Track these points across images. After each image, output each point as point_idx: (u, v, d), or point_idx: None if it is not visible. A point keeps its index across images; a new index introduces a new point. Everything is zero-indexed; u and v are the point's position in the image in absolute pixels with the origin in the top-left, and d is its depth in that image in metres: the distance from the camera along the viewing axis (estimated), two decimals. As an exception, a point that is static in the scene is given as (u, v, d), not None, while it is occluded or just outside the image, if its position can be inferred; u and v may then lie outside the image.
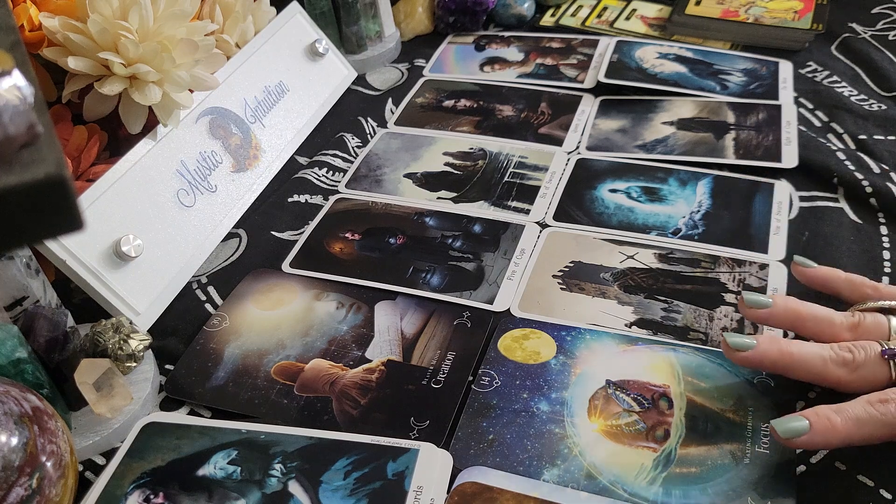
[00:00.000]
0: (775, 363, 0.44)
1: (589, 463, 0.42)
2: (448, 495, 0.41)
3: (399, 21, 0.85)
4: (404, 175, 0.66)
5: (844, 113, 0.68)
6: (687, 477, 0.41)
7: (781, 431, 0.41)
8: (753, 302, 0.46)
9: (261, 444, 0.44)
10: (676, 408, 0.45)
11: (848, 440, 0.41)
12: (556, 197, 0.62)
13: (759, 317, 0.46)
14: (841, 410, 0.41)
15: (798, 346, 0.44)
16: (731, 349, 0.44)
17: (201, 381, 0.49)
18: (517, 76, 0.78)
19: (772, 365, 0.44)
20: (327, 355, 0.50)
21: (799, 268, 0.50)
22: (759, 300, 0.46)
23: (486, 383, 0.47)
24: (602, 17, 0.86)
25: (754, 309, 0.46)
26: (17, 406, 0.37)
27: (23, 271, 0.44)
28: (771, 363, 0.44)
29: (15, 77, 0.23)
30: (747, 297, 0.46)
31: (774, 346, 0.44)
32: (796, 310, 0.46)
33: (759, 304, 0.46)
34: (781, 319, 0.46)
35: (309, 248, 0.59)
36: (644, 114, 0.70)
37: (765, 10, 0.80)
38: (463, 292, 0.54)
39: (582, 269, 0.55)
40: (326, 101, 0.74)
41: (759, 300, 0.46)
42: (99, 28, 0.49)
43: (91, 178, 0.53)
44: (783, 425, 0.41)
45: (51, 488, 0.37)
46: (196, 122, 0.61)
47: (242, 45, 0.67)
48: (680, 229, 0.57)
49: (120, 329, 0.48)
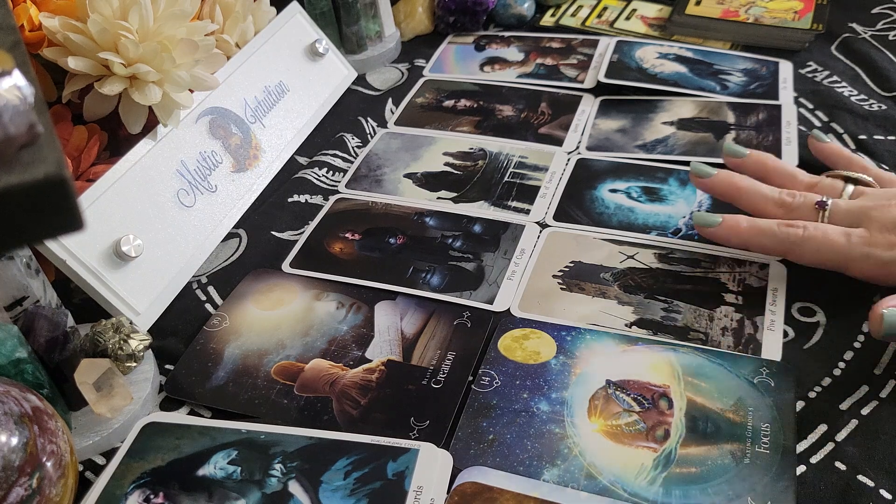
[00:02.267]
0: (724, 192, 0.53)
1: (589, 463, 0.42)
2: (448, 495, 0.41)
3: (399, 21, 0.85)
4: (404, 175, 0.66)
5: (844, 113, 0.68)
6: (687, 477, 0.41)
7: (697, 219, 0.52)
8: (730, 151, 0.55)
9: (261, 444, 0.44)
10: (676, 408, 0.45)
11: (746, 243, 0.51)
12: (557, 197, 0.62)
13: (733, 164, 0.55)
14: (751, 220, 0.50)
15: (747, 182, 0.52)
16: (692, 173, 0.54)
17: (201, 381, 0.49)
18: (517, 76, 0.78)
19: (720, 193, 0.54)
20: (327, 355, 0.50)
21: (813, 140, 0.57)
22: (735, 149, 0.55)
23: (487, 383, 0.47)
24: (602, 17, 0.86)
25: (730, 157, 0.54)
26: (17, 406, 0.37)
27: (23, 271, 0.44)
28: (721, 191, 0.53)
29: (15, 77, 0.23)
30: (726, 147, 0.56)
31: (727, 178, 0.53)
32: (765, 161, 0.54)
33: (734, 153, 0.55)
34: (752, 169, 0.54)
35: (309, 248, 0.59)
36: (644, 114, 0.70)
37: (765, 10, 0.80)
38: (463, 292, 0.54)
39: (582, 269, 0.55)
40: (326, 101, 0.74)
41: (735, 149, 0.55)
42: (99, 28, 0.49)
43: (91, 178, 0.53)
44: (700, 216, 0.52)
45: (51, 488, 0.37)
46: (196, 122, 0.61)
47: (242, 45, 0.67)
48: (680, 229, 0.57)
49: (120, 329, 0.48)
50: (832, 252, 0.48)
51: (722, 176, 0.53)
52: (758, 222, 0.50)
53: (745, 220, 0.51)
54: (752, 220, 0.51)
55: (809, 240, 0.48)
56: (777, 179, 0.53)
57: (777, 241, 0.49)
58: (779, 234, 0.49)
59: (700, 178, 0.54)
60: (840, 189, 0.52)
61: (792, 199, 0.51)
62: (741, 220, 0.51)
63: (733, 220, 0.51)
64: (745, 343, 0.48)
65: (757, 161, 0.54)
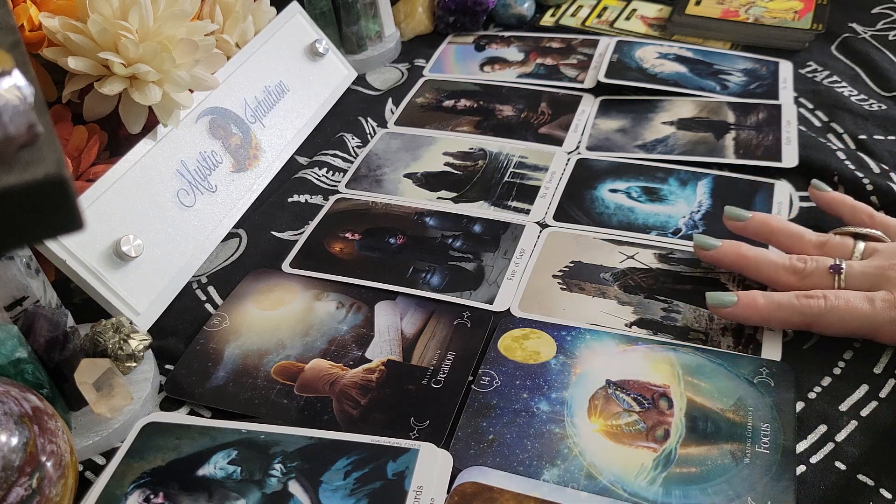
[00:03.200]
0: (732, 263, 0.50)
1: (589, 463, 0.42)
2: (448, 495, 0.41)
3: (399, 21, 0.85)
4: (404, 175, 0.66)
5: (844, 113, 0.68)
6: (687, 477, 0.41)
7: (711, 299, 0.48)
8: (733, 214, 0.52)
9: (261, 444, 0.44)
10: (676, 408, 0.45)
11: (767, 320, 0.47)
12: (556, 197, 0.62)
13: (736, 228, 0.52)
14: (768, 295, 0.47)
15: (755, 251, 0.50)
16: (697, 246, 0.51)
17: (201, 381, 0.49)
18: (517, 76, 0.78)
19: (729, 264, 0.51)
20: (327, 355, 0.50)
21: (814, 190, 0.55)
22: (737, 213, 0.52)
23: (486, 383, 0.47)
24: (602, 17, 0.86)
25: (732, 221, 0.52)
26: (17, 406, 0.37)
27: (23, 271, 0.44)
28: (729, 263, 0.51)
29: (15, 77, 0.23)
30: (727, 211, 0.52)
31: (734, 248, 0.50)
32: (769, 223, 0.52)
33: (737, 217, 0.52)
34: (755, 231, 0.52)
35: (309, 248, 0.59)
36: (644, 114, 0.70)
37: (765, 10, 0.80)
38: (463, 292, 0.54)
39: (582, 269, 0.55)
40: (326, 101, 0.74)
41: (737, 213, 0.52)
42: (99, 28, 0.49)
43: (91, 178, 0.53)
44: (714, 296, 0.48)
45: (51, 488, 0.37)
46: (196, 122, 0.61)
47: (242, 45, 0.67)
48: (680, 229, 0.57)
49: (120, 329, 0.48)
50: (858, 320, 0.46)
51: (728, 247, 0.50)
52: (775, 297, 0.47)
53: (762, 297, 0.47)
54: (769, 296, 0.47)
55: (833, 310, 0.46)
56: (784, 241, 0.51)
57: (799, 314, 0.46)
58: (800, 307, 0.46)
59: (705, 251, 0.51)
60: (850, 248, 0.49)
61: (804, 265, 0.48)
62: (757, 296, 0.47)
63: (749, 299, 0.47)
64: (744, 343, 0.48)
65: (761, 223, 0.52)
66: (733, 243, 0.51)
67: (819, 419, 0.44)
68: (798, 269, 0.48)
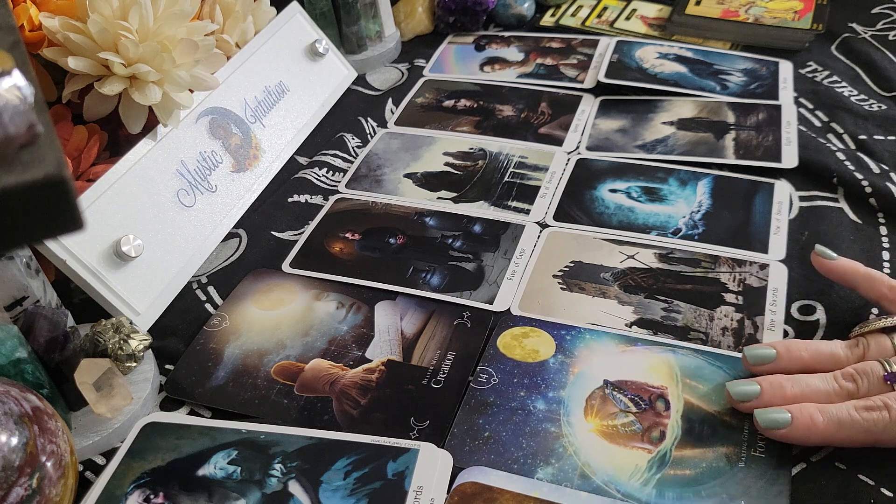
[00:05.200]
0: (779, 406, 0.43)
1: (583, 462, 0.42)
2: (448, 495, 0.41)
3: (399, 21, 0.85)
4: (404, 175, 0.66)
5: (844, 113, 0.68)
6: (681, 479, 0.41)
7: (762, 421, 0.42)
8: (756, 357, 0.45)
9: (261, 444, 0.44)
10: (673, 409, 0.45)
11: (827, 440, 0.41)
12: (557, 197, 0.62)
13: (765, 370, 0.45)
14: (825, 410, 0.41)
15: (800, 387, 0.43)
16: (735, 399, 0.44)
17: (201, 381, 0.49)
18: (517, 76, 0.78)
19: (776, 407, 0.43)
20: (327, 355, 0.50)
21: (819, 258, 0.50)
22: (762, 354, 0.45)
23: (484, 381, 0.47)
24: (602, 17, 0.86)
25: (757, 366, 0.45)
26: (17, 406, 0.37)
27: (23, 271, 0.44)
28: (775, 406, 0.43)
29: (15, 77, 0.23)
30: (749, 353, 0.46)
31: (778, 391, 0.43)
32: (799, 356, 0.45)
33: (763, 359, 0.45)
34: (787, 367, 0.45)
35: (309, 248, 0.59)
36: (644, 114, 0.70)
37: (765, 10, 0.80)
38: (463, 292, 0.54)
39: (582, 269, 0.55)
40: (326, 101, 0.74)
41: (762, 354, 0.45)
42: (99, 28, 0.49)
43: (91, 178, 0.53)
44: (765, 415, 0.42)
45: (51, 488, 0.37)
46: (196, 122, 0.61)
47: (242, 45, 0.67)
48: (680, 229, 0.57)
49: (120, 329, 0.48)
50: None
51: (768, 390, 0.44)
52: (834, 412, 0.41)
53: (820, 414, 0.41)
54: (826, 412, 0.41)
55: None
56: (820, 368, 0.45)
57: (864, 432, 0.41)
58: (864, 424, 0.41)
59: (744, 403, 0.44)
60: (891, 348, 0.44)
61: (856, 384, 0.43)
62: (814, 414, 0.41)
63: (806, 418, 0.41)
64: (745, 343, 0.48)
65: (790, 357, 0.45)
66: (773, 384, 0.44)
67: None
68: (851, 391, 0.43)
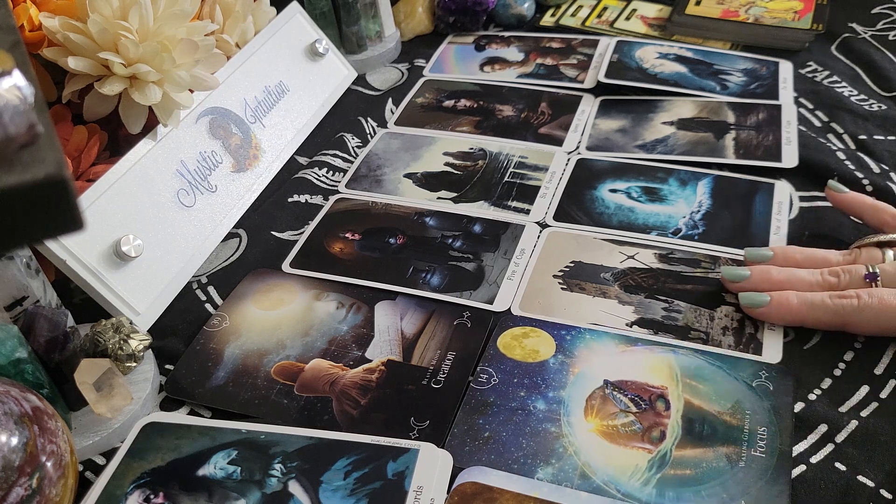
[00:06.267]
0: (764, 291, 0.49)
1: (583, 462, 0.42)
2: (448, 495, 0.41)
3: (399, 21, 0.85)
4: (404, 175, 0.66)
5: (844, 113, 0.68)
6: (681, 479, 0.41)
7: (743, 300, 0.48)
8: (755, 255, 0.52)
9: (261, 444, 0.44)
10: (673, 409, 0.45)
11: (800, 320, 0.47)
12: (557, 197, 0.62)
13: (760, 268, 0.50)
14: (801, 295, 0.47)
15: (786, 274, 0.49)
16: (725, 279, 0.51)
17: (201, 381, 0.49)
18: (517, 76, 0.78)
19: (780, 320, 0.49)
20: (327, 355, 0.50)
21: (831, 192, 0.55)
22: (760, 253, 0.51)
23: (484, 381, 0.47)
24: (602, 17, 0.86)
25: (753, 262, 0.51)
26: (17, 406, 0.37)
27: (23, 271, 0.44)
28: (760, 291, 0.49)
29: (15, 77, 0.23)
30: (748, 252, 0.52)
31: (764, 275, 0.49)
32: (793, 255, 0.51)
33: (760, 258, 0.51)
34: (781, 265, 0.50)
35: (309, 248, 0.59)
36: (644, 114, 0.70)
37: (765, 10, 0.80)
38: (463, 292, 0.54)
39: (582, 269, 0.55)
40: (326, 101, 0.74)
41: (760, 253, 0.51)
42: (99, 28, 0.49)
43: (91, 178, 0.53)
44: (748, 296, 0.48)
45: (51, 488, 0.37)
46: (196, 122, 0.61)
47: (242, 45, 0.67)
48: (680, 229, 0.57)
49: (120, 329, 0.48)
50: (892, 317, 0.46)
51: (757, 274, 0.50)
52: (808, 297, 0.47)
53: (795, 297, 0.47)
54: (802, 296, 0.47)
55: (866, 308, 0.46)
56: (811, 267, 0.50)
57: (833, 313, 0.46)
58: (833, 306, 0.46)
59: (735, 283, 0.50)
60: (880, 257, 0.49)
61: (838, 279, 0.48)
62: (790, 296, 0.47)
63: (783, 299, 0.47)
64: (745, 343, 0.48)
65: (784, 257, 0.51)
66: (762, 269, 0.50)
67: (819, 420, 0.44)
68: (832, 284, 0.48)
